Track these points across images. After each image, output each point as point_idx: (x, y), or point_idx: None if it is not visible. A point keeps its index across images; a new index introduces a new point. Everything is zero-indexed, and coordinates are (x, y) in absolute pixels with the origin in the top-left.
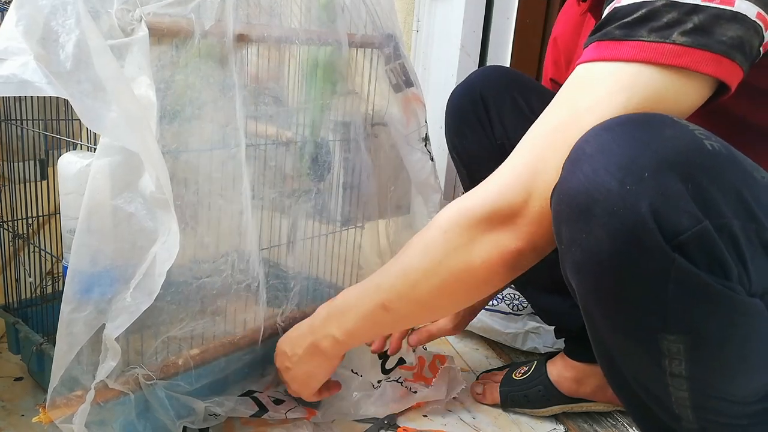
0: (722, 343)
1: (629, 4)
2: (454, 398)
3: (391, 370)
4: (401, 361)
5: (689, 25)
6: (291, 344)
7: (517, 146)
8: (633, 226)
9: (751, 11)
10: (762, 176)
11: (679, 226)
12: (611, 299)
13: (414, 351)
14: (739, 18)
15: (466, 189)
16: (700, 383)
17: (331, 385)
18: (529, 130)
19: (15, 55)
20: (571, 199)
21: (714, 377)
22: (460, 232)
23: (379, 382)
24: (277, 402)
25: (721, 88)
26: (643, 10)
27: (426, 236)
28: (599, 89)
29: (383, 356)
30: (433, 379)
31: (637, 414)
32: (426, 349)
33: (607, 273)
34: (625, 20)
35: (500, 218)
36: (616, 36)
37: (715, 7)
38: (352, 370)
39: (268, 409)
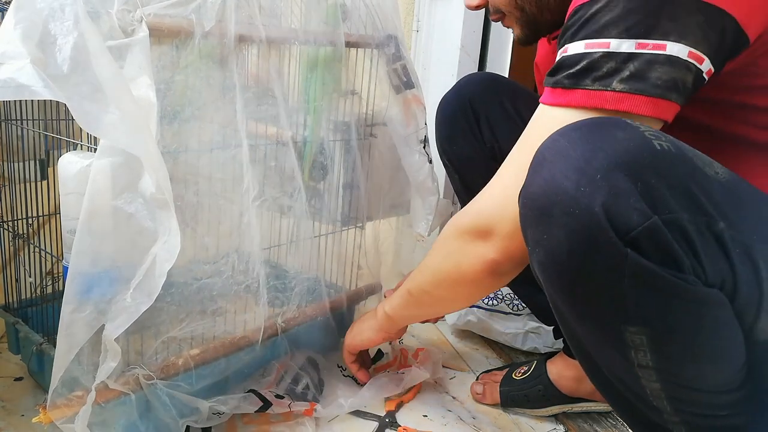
0: (682, 333)
1: (573, 55)
2: (453, 398)
3: (372, 363)
4: (380, 354)
5: (626, 73)
6: (355, 327)
7: (495, 174)
8: (587, 224)
9: (683, 52)
10: (715, 171)
11: (630, 223)
12: (574, 296)
13: (391, 344)
14: (672, 60)
15: (458, 194)
16: (668, 374)
17: (363, 373)
18: (503, 164)
19: (12, 59)
20: (533, 202)
21: (680, 367)
22: (453, 241)
23: None
24: (279, 397)
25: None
26: (585, 62)
27: (437, 241)
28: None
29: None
30: (417, 361)
31: (622, 410)
32: (401, 342)
33: (567, 271)
34: (571, 71)
35: (480, 233)
36: (565, 85)
37: (649, 53)
38: (338, 365)
39: (272, 403)
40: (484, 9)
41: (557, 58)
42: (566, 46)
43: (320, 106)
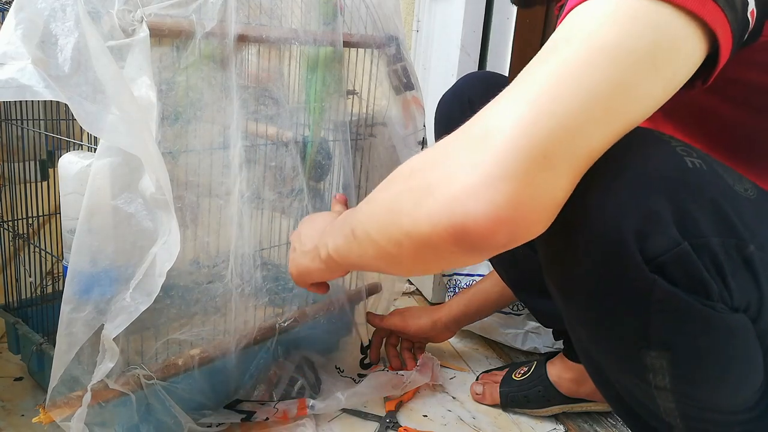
0: (704, 359)
1: None
2: (453, 398)
3: (370, 365)
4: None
5: None
6: (302, 236)
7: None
8: (614, 247)
9: None
10: (744, 188)
11: (658, 248)
12: (594, 318)
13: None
14: None
15: None
16: (685, 396)
17: (321, 286)
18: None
19: (13, 60)
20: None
21: (699, 391)
22: (424, 165)
23: (360, 376)
24: (263, 403)
25: (712, 56)
26: None
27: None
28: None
29: (364, 351)
30: (417, 364)
31: (629, 422)
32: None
33: (587, 292)
34: None
35: (475, 166)
36: None
37: None
38: (335, 366)
39: (255, 411)
40: (484, 9)
41: None
42: None
43: (320, 106)
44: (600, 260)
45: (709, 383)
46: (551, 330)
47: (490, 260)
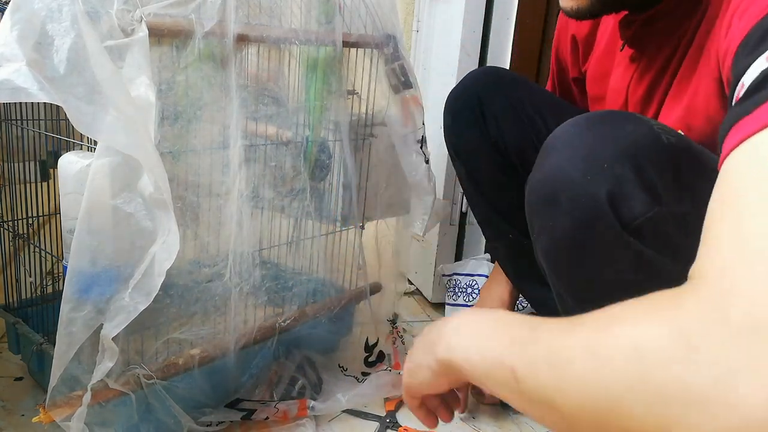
0: None
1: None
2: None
3: (374, 363)
4: (381, 355)
5: None
6: (420, 344)
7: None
8: (592, 212)
9: None
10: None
11: (633, 212)
12: (575, 281)
13: (394, 344)
14: None
15: (464, 188)
16: None
17: (444, 409)
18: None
19: (8, 61)
20: (540, 189)
21: None
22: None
23: (363, 374)
24: (263, 403)
25: None
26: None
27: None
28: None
29: (369, 350)
30: None
31: None
32: (404, 343)
33: (570, 256)
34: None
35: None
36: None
37: None
38: (338, 365)
39: (255, 410)
40: (484, 9)
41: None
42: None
43: (320, 105)
44: (578, 225)
45: None
46: None
47: (492, 251)
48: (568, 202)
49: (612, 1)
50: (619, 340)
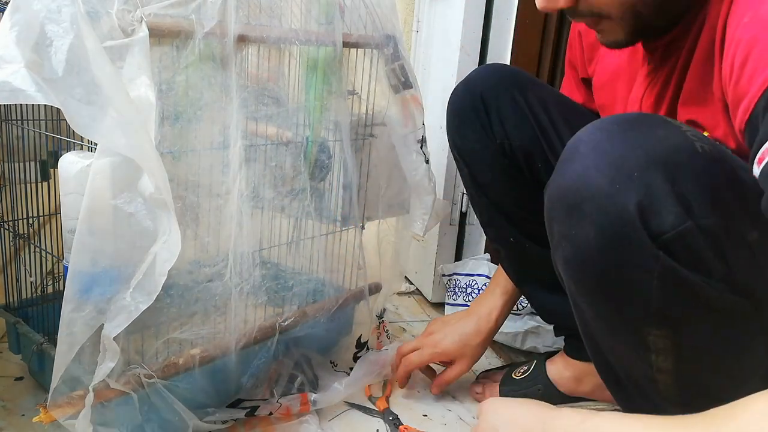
0: (707, 339)
1: None
2: (453, 398)
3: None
4: (367, 349)
5: None
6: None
7: None
8: (621, 223)
9: None
10: (753, 177)
11: (664, 225)
12: (598, 293)
13: (378, 339)
14: None
15: (467, 188)
16: (687, 380)
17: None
18: None
19: (7, 63)
20: (563, 195)
21: (701, 374)
22: None
23: (351, 369)
24: (265, 400)
25: None
26: None
27: None
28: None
29: (359, 346)
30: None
31: (627, 408)
32: (388, 334)
33: (594, 268)
34: None
35: None
36: None
37: None
38: (330, 361)
39: (258, 406)
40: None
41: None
42: None
43: (321, 105)
44: (606, 236)
45: (713, 366)
46: (552, 327)
47: (494, 253)
48: (594, 212)
49: (643, 29)
50: None
